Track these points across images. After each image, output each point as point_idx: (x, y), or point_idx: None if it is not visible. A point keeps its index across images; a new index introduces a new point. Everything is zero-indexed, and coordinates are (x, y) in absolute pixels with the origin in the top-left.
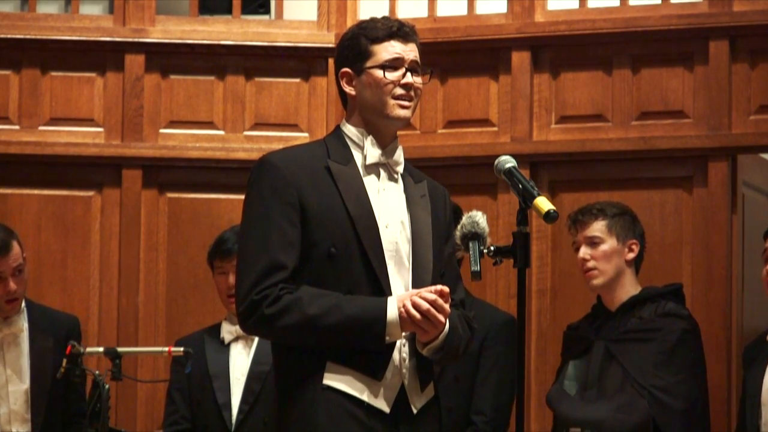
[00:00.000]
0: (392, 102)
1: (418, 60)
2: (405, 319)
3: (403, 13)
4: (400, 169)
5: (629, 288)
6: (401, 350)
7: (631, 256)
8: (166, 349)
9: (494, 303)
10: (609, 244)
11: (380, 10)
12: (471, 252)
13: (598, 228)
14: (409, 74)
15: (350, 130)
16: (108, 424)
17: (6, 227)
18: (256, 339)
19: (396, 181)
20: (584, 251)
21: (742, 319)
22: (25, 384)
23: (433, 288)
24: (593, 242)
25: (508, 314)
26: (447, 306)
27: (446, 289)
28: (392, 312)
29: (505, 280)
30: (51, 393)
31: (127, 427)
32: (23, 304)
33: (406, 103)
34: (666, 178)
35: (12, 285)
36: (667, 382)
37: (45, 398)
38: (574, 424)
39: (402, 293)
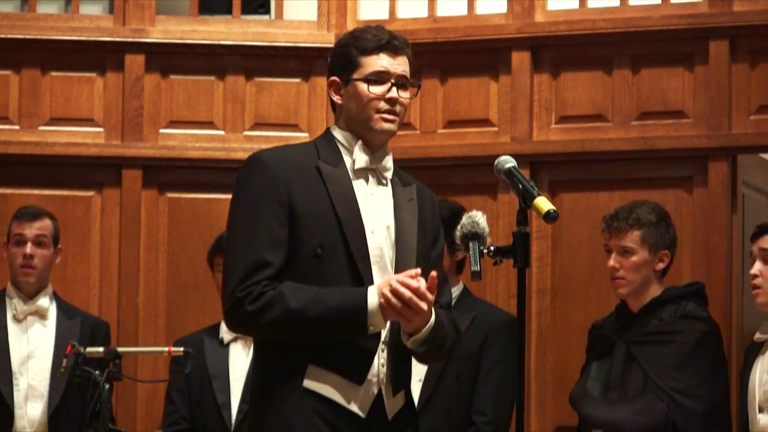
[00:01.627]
0: (376, 116)
1: (407, 74)
2: (386, 307)
3: (403, 14)
4: (389, 174)
5: (653, 293)
6: (380, 356)
7: (660, 266)
8: (166, 349)
9: (494, 303)
10: (640, 255)
11: (380, 10)
12: (471, 252)
13: (631, 239)
14: (394, 89)
15: (339, 134)
16: (108, 424)
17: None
18: None
19: (385, 185)
20: (615, 259)
21: (742, 319)
22: (48, 362)
23: (413, 272)
24: (625, 251)
25: (509, 314)
26: (429, 294)
27: (430, 274)
28: (372, 301)
29: (505, 280)
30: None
31: (127, 427)
32: (50, 289)
33: (389, 117)
34: (666, 178)
35: (29, 249)
36: (686, 385)
37: (64, 379)
38: (596, 426)
39: (381, 281)
